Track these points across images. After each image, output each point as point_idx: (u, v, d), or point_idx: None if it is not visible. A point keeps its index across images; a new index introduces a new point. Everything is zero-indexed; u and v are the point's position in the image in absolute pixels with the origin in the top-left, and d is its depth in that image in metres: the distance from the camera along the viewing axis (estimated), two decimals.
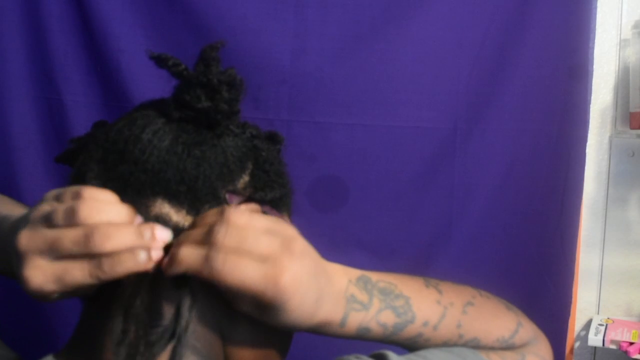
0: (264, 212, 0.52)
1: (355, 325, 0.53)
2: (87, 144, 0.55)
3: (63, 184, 0.52)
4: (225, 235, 0.45)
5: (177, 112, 0.50)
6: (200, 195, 0.49)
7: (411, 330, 0.56)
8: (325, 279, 0.50)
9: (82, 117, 1.17)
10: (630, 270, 1.28)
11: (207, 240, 0.46)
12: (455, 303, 0.59)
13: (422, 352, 0.58)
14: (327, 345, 0.64)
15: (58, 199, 0.47)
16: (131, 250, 0.45)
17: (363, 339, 0.55)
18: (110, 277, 0.45)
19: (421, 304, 0.56)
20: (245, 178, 0.51)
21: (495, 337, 0.61)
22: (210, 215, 0.48)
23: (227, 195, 0.50)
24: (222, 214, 0.47)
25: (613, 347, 1.20)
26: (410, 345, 0.58)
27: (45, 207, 0.47)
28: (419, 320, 0.56)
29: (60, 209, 0.46)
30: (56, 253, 0.45)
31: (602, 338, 1.20)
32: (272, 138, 0.55)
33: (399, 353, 0.57)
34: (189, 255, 0.46)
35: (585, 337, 1.24)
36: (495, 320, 0.62)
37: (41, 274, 0.45)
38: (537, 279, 1.21)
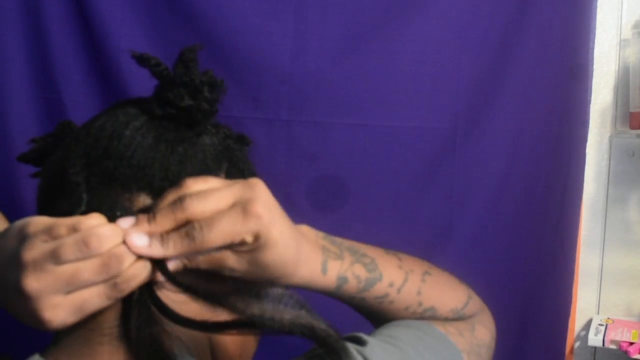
0: None
1: (335, 273, 0.55)
2: (54, 144, 0.56)
3: None
4: (191, 205, 0.45)
5: (160, 110, 0.52)
6: None
7: (379, 288, 0.58)
8: (292, 224, 0.51)
9: (82, 117, 1.15)
10: (630, 270, 1.28)
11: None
12: (415, 270, 0.62)
13: (387, 332, 0.60)
14: None
15: (50, 234, 0.45)
16: (141, 263, 0.45)
17: (340, 296, 0.56)
18: (127, 293, 0.46)
19: (385, 265, 0.59)
20: (222, 176, 0.53)
21: (450, 308, 0.64)
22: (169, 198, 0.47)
23: None
24: (178, 192, 0.46)
25: (613, 347, 1.20)
26: (376, 307, 0.60)
27: (41, 246, 0.45)
28: (385, 279, 0.59)
29: (67, 244, 0.45)
30: (74, 287, 0.45)
31: (602, 338, 1.20)
32: (242, 139, 0.57)
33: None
34: (175, 242, 0.45)
35: (585, 337, 1.24)
36: (449, 292, 0.65)
37: (62, 310, 0.45)
38: (537, 279, 1.21)
